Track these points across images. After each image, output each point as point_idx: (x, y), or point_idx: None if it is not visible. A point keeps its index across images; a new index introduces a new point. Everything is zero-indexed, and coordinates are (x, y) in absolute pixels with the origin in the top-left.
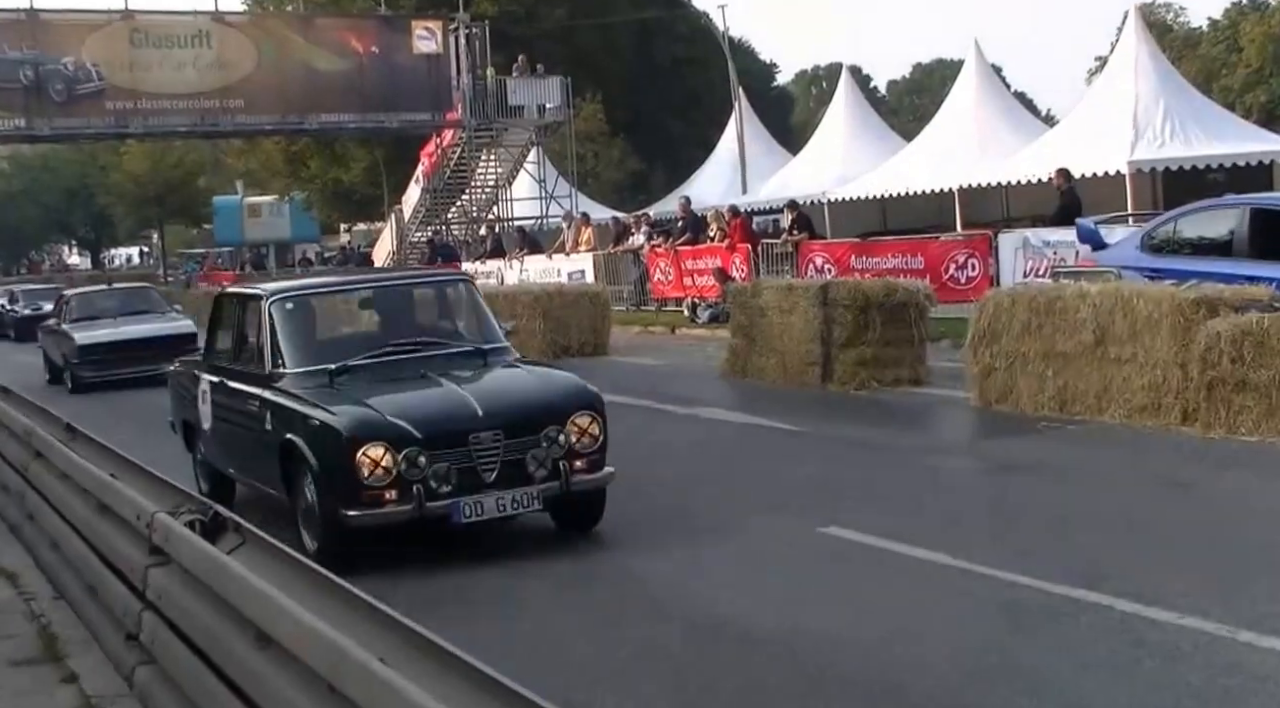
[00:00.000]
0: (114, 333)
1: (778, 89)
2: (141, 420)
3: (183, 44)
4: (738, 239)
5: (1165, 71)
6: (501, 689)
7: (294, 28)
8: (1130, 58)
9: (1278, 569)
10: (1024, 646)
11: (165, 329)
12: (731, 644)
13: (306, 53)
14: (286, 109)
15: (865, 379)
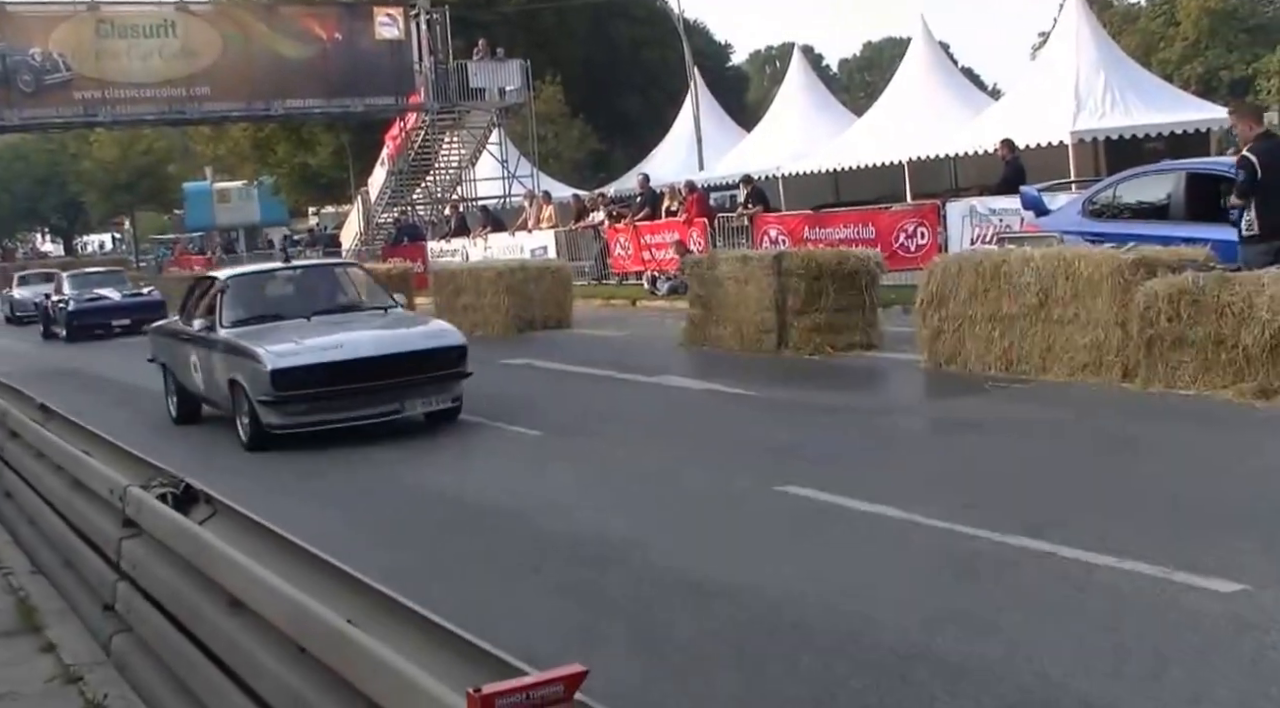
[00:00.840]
0: (332, 348)
1: (732, 69)
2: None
3: (148, 34)
4: (694, 214)
5: (1105, 45)
6: (466, 646)
7: (258, 15)
8: (1072, 32)
9: (1211, 514)
10: (974, 593)
11: (418, 340)
12: (691, 597)
13: (271, 40)
14: (252, 95)
15: (819, 345)
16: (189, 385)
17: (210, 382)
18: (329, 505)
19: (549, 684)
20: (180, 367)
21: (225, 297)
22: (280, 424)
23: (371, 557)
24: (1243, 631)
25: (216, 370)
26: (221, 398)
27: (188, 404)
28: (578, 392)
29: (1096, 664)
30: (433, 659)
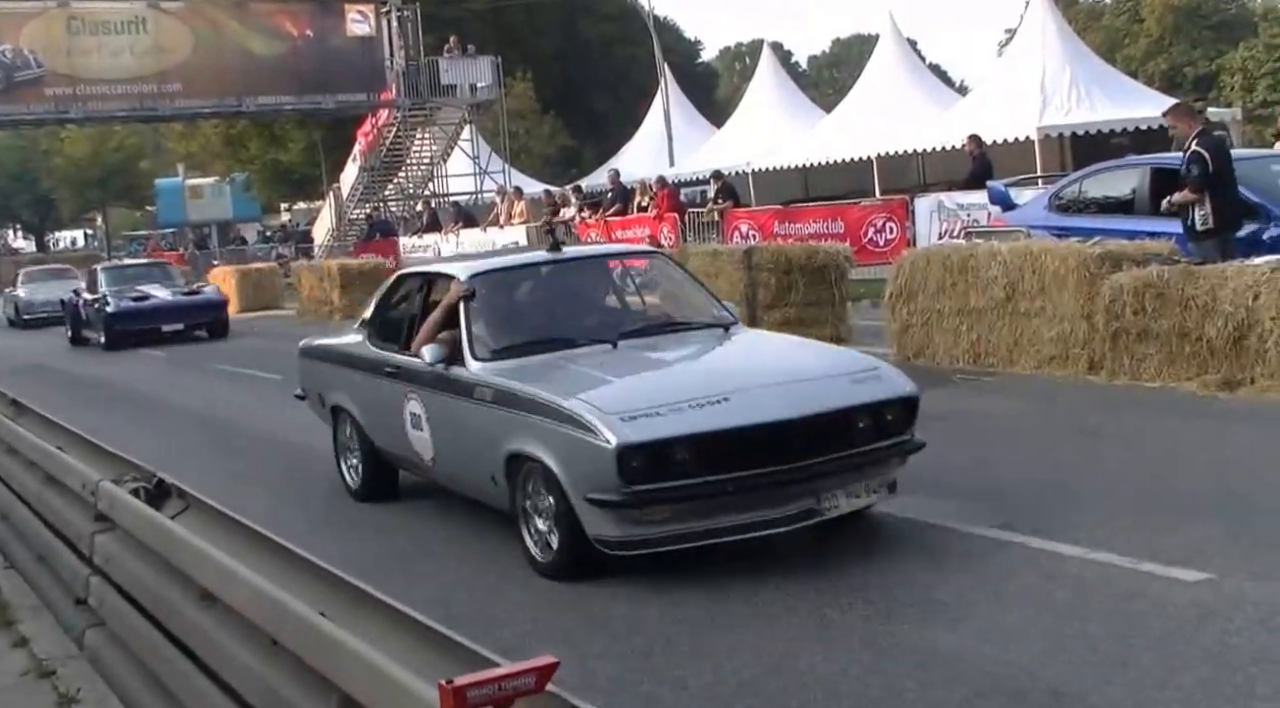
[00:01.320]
0: (713, 405)
1: (702, 65)
2: None
3: (119, 30)
4: (665, 209)
5: (1071, 42)
6: (440, 639)
7: (229, 12)
8: (1038, 30)
9: (1176, 504)
10: (943, 582)
11: (849, 390)
12: (659, 587)
13: (242, 37)
14: (224, 92)
15: None
16: (395, 448)
17: (452, 450)
18: (301, 498)
19: (520, 676)
20: (377, 416)
21: (473, 309)
22: (624, 540)
23: (344, 549)
24: (1208, 619)
25: (471, 435)
26: (474, 479)
27: (382, 474)
28: None
29: (1064, 652)
30: (405, 651)
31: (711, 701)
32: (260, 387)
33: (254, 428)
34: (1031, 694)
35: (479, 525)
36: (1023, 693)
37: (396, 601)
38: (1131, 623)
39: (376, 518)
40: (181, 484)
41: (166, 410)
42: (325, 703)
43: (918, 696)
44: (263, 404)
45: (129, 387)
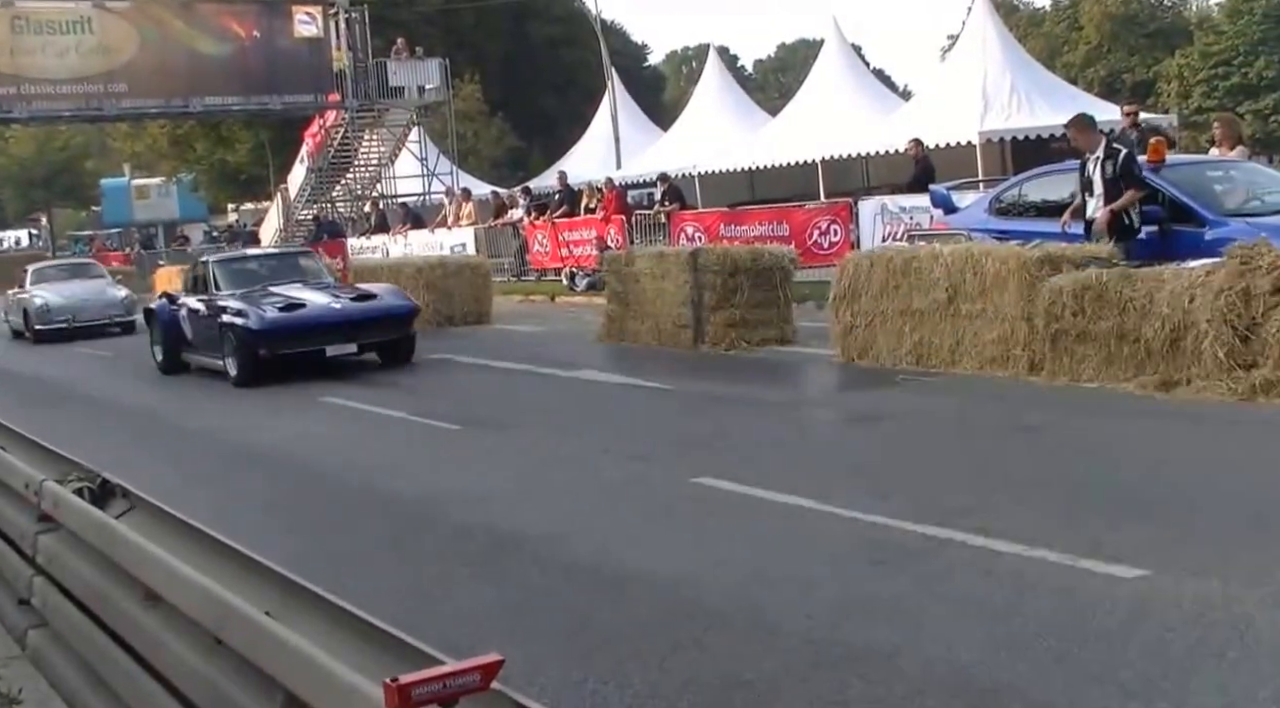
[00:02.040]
0: None
1: (649, 69)
2: None
3: (64, 30)
4: (612, 211)
5: (1012, 48)
6: (384, 637)
7: (175, 12)
8: (979, 36)
9: (1113, 503)
10: (885, 581)
11: None
12: (604, 585)
13: (189, 37)
14: (171, 92)
15: (735, 340)
16: None
17: None
18: (248, 497)
19: (465, 673)
20: None
21: None
22: None
23: (290, 548)
24: (1144, 615)
25: None
26: None
27: None
28: (496, 385)
29: (1002, 649)
30: (350, 650)
31: (655, 698)
32: (206, 385)
33: (200, 426)
34: (970, 691)
35: (425, 524)
36: (962, 690)
37: (342, 599)
38: (1069, 620)
39: (324, 518)
40: (126, 484)
41: (107, 407)
42: (270, 702)
43: (858, 693)
44: (208, 402)
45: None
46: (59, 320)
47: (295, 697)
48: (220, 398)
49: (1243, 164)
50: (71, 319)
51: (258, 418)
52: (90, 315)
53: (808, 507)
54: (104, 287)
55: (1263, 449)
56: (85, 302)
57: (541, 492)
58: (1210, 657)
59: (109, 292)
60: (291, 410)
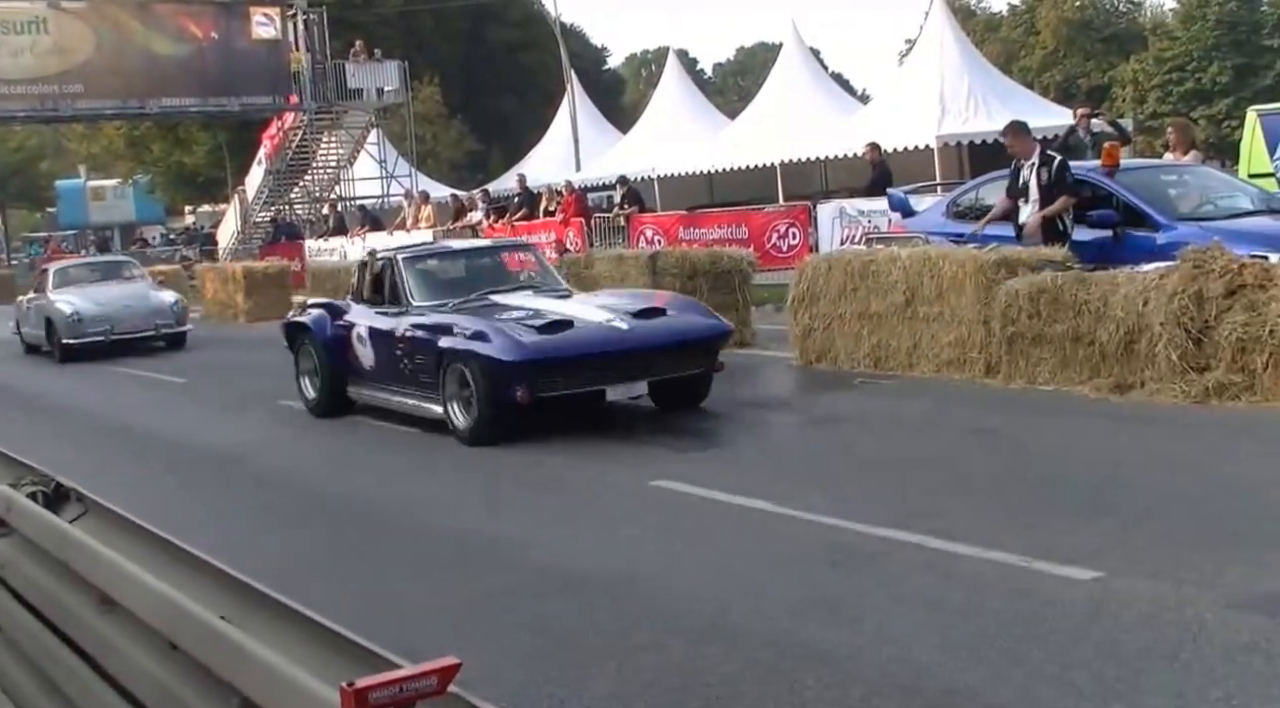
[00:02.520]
0: None
1: (609, 72)
2: None
3: (19, 30)
4: (571, 214)
5: (969, 53)
6: (341, 641)
7: (132, 13)
8: (937, 41)
9: (1070, 504)
10: (842, 583)
11: None
12: (564, 588)
13: (145, 38)
14: (127, 93)
15: None
16: None
17: None
18: (209, 503)
19: (423, 677)
20: None
21: None
22: None
23: (250, 553)
24: (1098, 616)
25: None
26: None
27: None
28: None
29: (959, 650)
30: (307, 654)
31: (613, 701)
32: (162, 389)
33: (159, 431)
34: (927, 691)
35: (385, 528)
36: (918, 690)
37: (299, 604)
38: (1024, 621)
39: (281, 522)
40: (81, 488)
41: (63, 413)
42: (225, 707)
43: (816, 694)
44: (164, 405)
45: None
46: (94, 333)
47: (251, 702)
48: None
49: (1196, 168)
50: (110, 331)
51: (209, 418)
52: (133, 326)
53: (767, 509)
54: (146, 290)
55: (1215, 452)
56: (127, 309)
57: (502, 495)
58: (1163, 658)
59: (154, 296)
60: (249, 411)
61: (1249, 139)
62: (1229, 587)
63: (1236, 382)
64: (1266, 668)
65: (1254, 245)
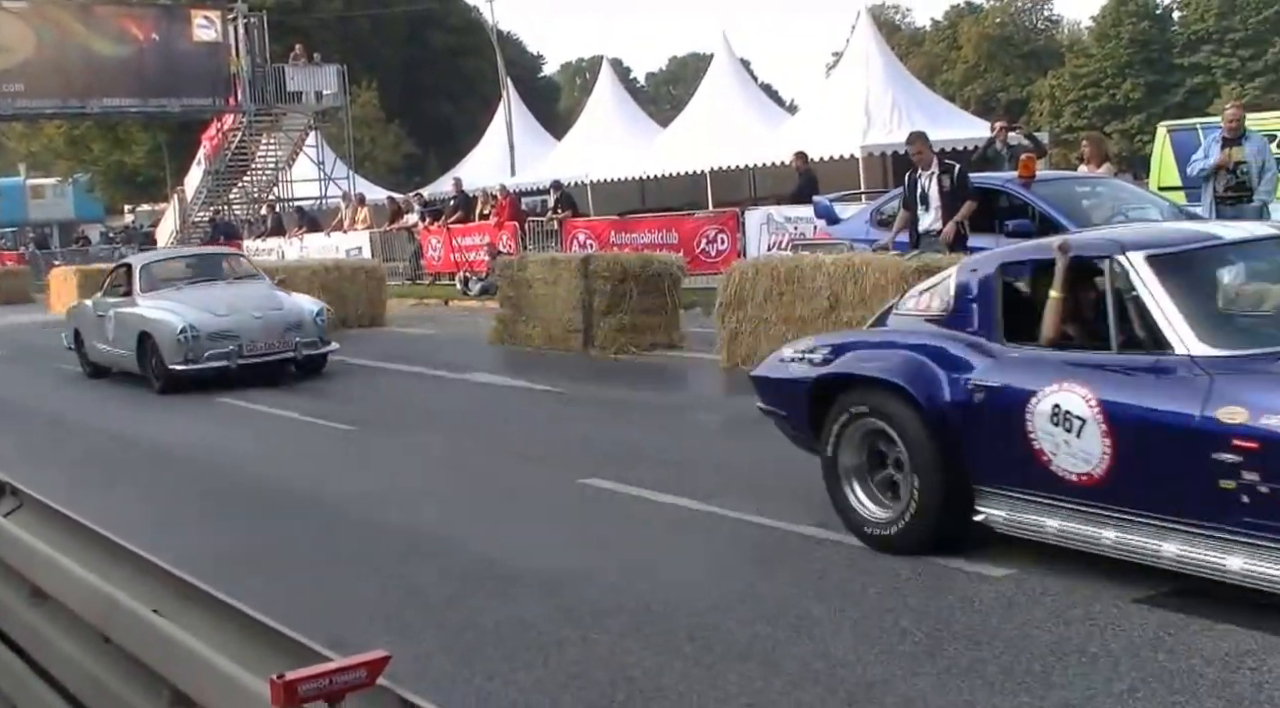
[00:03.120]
0: None
1: (544, 79)
2: None
3: None
4: (506, 217)
5: (893, 66)
6: (272, 634)
7: (73, 14)
8: (862, 53)
9: None
10: (764, 579)
11: None
12: (493, 583)
13: (86, 39)
14: (67, 93)
15: (624, 344)
16: None
17: None
18: (141, 496)
19: (352, 670)
20: None
21: None
22: None
23: (184, 547)
24: (1011, 611)
25: None
26: None
27: None
28: (390, 387)
29: (876, 644)
30: (238, 647)
31: (540, 693)
32: (96, 384)
33: (101, 427)
34: (845, 684)
35: (315, 524)
36: (837, 684)
37: (231, 597)
38: (940, 616)
39: (214, 517)
40: (15, 482)
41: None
42: (157, 700)
43: (738, 688)
44: (98, 401)
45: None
46: (216, 355)
47: (182, 694)
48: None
49: (1109, 181)
50: (237, 352)
51: (151, 416)
52: (266, 345)
53: (693, 508)
54: (273, 294)
55: None
56: (257, 322)
57: (432, 492)
58: (1072, 652)
59: (288, 303)
60: (188, 411)
61: (1159, 153)
62: (1135, 583)
63: None
64: (1170, 662)
65: None
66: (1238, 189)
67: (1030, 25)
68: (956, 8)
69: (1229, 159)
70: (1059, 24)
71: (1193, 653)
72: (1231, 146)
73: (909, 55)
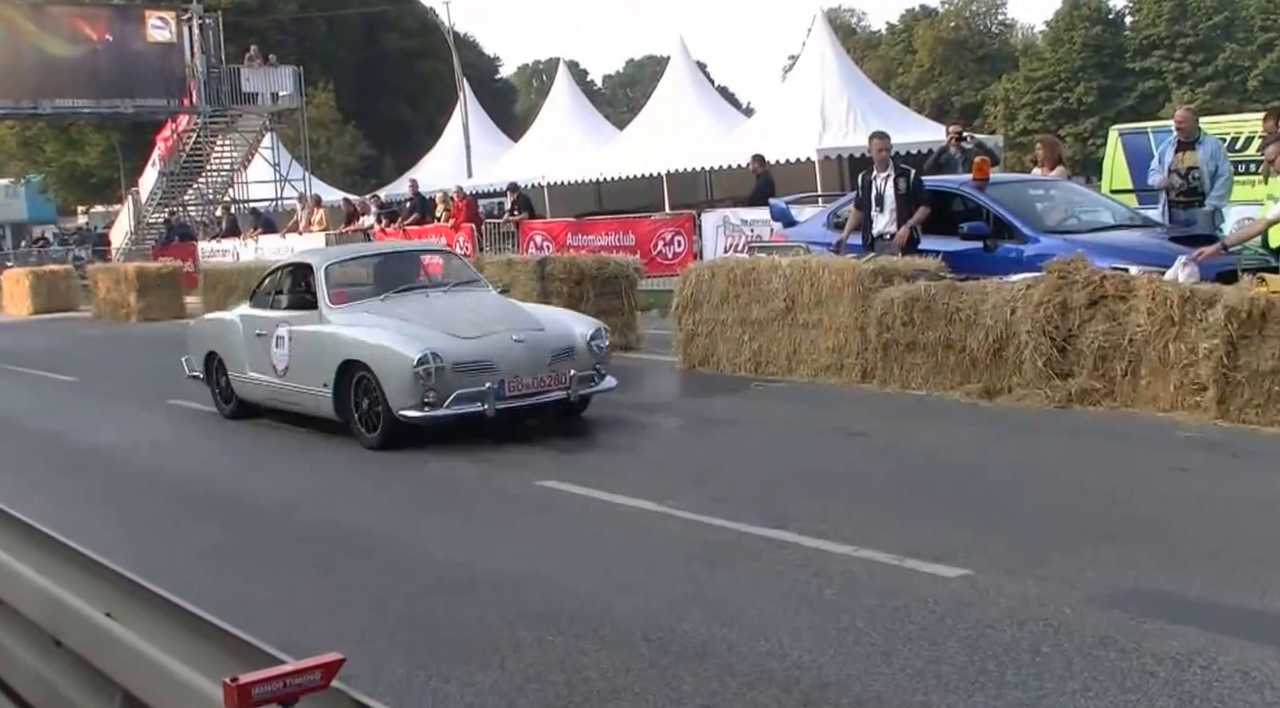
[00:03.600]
0: None
1: (501, 81)
2: None
3: None
4: (463, 219)
5: (849, 70)
6: (225, 637)
7: (25, 14)
8: (818, 57)
9: (939, 504)
10: (720, 580)
11: None
12: (449, 586)
13: (39, 39)
14: (20, 94)
15: None
16: None
17: None
18: (100, 496)
19: (306, 672)
20: None
21: None
22: None
23: (141, 549)
24: (965, 612)
25: None
26: None
27: None
28: None
29: (832, 645)
30: (191, 650)
31: (497, 696)
32: (51, 388)
33: (46, 429)
34: (801, 685)
35: (271, 526)
36: (793, 684)
37: (184, 600)
38: (895, 617)
39: (167, 519)
40: None
41: None
42: (109, 703)
43: (693, 688)
44: (52, 404)
45: None
46: (469, 396)
47: (135, 698)
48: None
49: (1062, 183)
50: (499, 390)
51: (94, 418)
52: (535, 382)
53: (649, 509)
54: (517, 307)
55: (1078, 455)
56: (521, 345)
57: (391, 495)
58: (1025, 652)
59: (551, 321)
60: (135, 412)
61: (1111, 156)
62: (1088, 584)
63: (1098, 388)
64: (1121, 661)
65: (1115, 258)
66: (1189, 194)
67: (985, 29)
68: (912, 12)
69: (1166, 183)
70: (1013, 28)
71: (1144, 652)
72: (1184, 151)
73: (864, 59)
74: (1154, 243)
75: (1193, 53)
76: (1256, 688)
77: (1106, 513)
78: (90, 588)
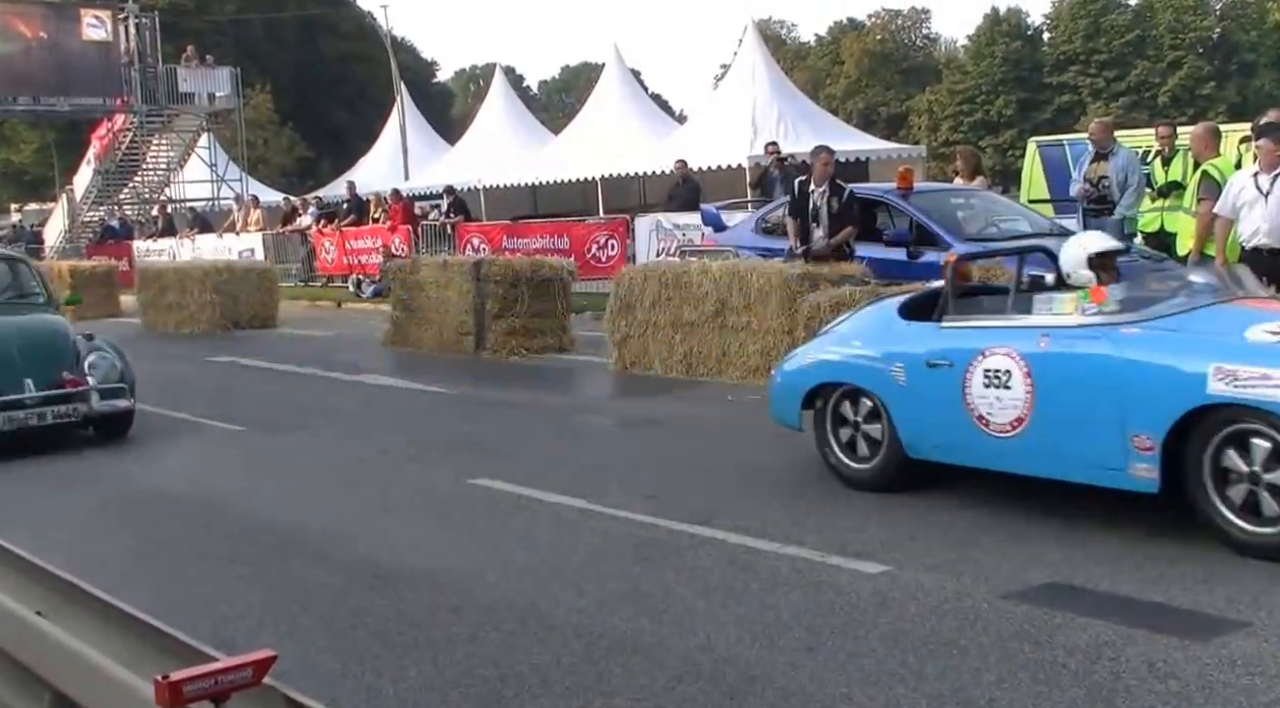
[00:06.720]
0: None
1: (438, 85)
2: None
3: None
4: (399, 221)
5: (779, 79)
6: (157, 634)
7: None
8: (749, 66)
9: (861, 502)
10: (649, 577)
11: None
12: (381, 582)
13: None
14: None
15: (515, 347)
16: None
17: None
18: (28, 497)
19: (238, 670)
20: None
21: None
22: None
23: (71, 548)
24: (886, 607)
25: None
26: None
27: None
28: (281, 389)
29: (758, 639)
30: (122, 648)
31: (429, 691)
32: None
33: None
34: (728, 678)
35: (205, 523)
36: (719, 677)
37: (115, 598)
38: (819, 611)
39: (101, 518)
40: None
41: None
42: (37, 702)
43: (623, 682)
44: None
45: None
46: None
47: (64, 696)
48: None
49: (982, 193)
50: None
51: None
52: None
53: (580, 507)
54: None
55: None
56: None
57: (323, 492)
58: (944, 645)
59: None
60: None
61: (1029, 167)
62: (1003, 579)
63: None
64: (1035, 653)
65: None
66: (1099, 201)
67: (910, 43)
68: (839, 24)
69: (1081, 195)
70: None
71: (1056, 645)
72: (1098, 161)
73: (794, 69)
74: None
75: (1106, 69)
76: (1161, 678)
77: (1019, 511)
78: (19, 587)
